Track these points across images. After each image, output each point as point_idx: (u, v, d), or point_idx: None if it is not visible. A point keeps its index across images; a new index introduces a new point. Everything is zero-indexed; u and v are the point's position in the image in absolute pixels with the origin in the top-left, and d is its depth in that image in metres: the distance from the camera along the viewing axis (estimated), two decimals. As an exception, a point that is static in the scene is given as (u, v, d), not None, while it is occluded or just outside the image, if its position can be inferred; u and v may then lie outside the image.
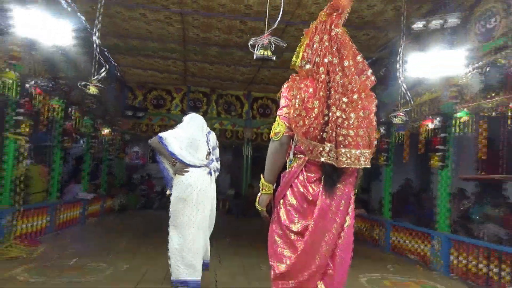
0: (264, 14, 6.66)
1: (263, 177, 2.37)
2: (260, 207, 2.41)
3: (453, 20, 5.32)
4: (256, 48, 4.07)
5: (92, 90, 5.71)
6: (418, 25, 5.50)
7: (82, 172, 9.06)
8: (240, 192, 11.98)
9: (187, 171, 3.92)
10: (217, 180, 4.14)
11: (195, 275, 3.90)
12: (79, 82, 5.73)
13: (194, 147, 4.02)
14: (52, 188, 7.04)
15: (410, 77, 5.89)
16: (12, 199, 5.45)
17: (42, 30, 4.98)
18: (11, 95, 5.08)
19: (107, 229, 7.66)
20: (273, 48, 4.05)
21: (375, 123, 2.27)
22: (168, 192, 4.05)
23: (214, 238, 7.10)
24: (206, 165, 4.00)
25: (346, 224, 2.25)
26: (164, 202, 14.91)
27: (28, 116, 5.45)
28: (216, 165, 4.18)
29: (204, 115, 12.06)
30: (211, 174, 4.06)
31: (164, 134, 4.06)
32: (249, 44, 4.03)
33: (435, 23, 5.42)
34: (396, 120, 6.03)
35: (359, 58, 2.27)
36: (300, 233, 2.23)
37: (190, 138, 4.04)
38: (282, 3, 4.55)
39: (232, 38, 8.05)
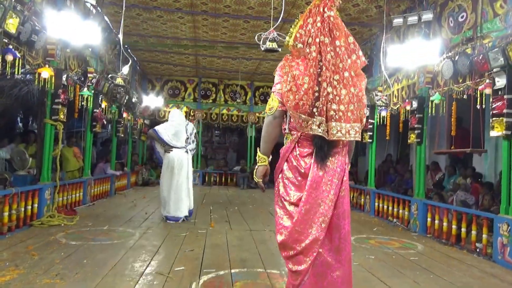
0: (264, 14, 6.71)
1: (259, 149, 2.26)
2: (256, 178, 2.28)
3: (427, 15, 5.37)
4: (263, 42, 4.07)
5: (119, 81, 5.69)
6: (398, 21, 5.52)
7: (110, 153, 9.11)
8: (245, 168, 12.05)
9: (172, 150, 5.59)
10: (224, 158, 5.20)
11: (177, 213, 5.53)
12: (109, 75, 5.70)
13: (177, 135, 5.67)
14: (85, 166, 7.09)
15: (391, 66, 5.95)
16: (52, 176, 5.50)
17: (73, 30, 4.96)
18: (48, 87, 5.07)
19: (132, 200, 7.74)
20: (278, 40, 4.06)
21: (365, 100, 2.14)
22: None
23: (225, 206, 7.29)
24: (184, 147, 5.68)
25: (342, 194, 2.10)
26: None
27: (63, 105, 5.46)
28: (192, 146, 5.83)
29: (213, 102, 12.17)
30: (187, 152, 5.72)
31: (157, 128, 5.70)
32: (256, 38, 4.03)
33: (412, 18, 5.45)
34: (379, 103, 6.03)
35: (351, 39, 2.13)
36: (296, 204, 2.08)
37: (174, 129, 5.67)
38: (283, 4, 4.67)
39: (237, 35, 8.03)
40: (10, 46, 4.19)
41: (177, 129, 5.70)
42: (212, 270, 3.34)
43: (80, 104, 6.22)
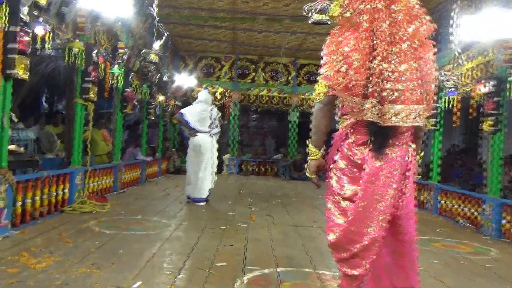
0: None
1: (310, 142, 2.21)
2: (309, 173, 2.24)
3: (510, -22, 4.94)
4: (312, 13, 3.98)
5: (153, 57, 5.82)
6: (473, -14, 5.14)
7: (139, 137, 9.40)
8: (287, 156, 12.07)
9: (196, 135, 6.47)
10: (262, 145, 5.50)
11: (201, 194, 6.43)
12: (142, 50, 5.84)
13: (201, 120, 6.51)
14: (115, 151, 7.36)
15: (462, 41, 5.62)
16: (82, 160, 5.76)
17: (103, 3, 5.11)
18: (79, 63, 5.27)
19: (164, 188, 7.97)
20: (328, 11, 3.97)
21: (434, 74, 1.96)
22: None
23: (266, 198, 7.36)
24: (208, 132, 6.52)
25: (406, 192, 1.99)
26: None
27: (94, 83, 5.66)
28: (216, 130, 6.64)
29: (251, 82, 12.20)
30: (211, 137, 6.55)
31: (183, 111, 6.61)
32: (304, 9, 3.95)
33: (491, -18, 5.05)
34: (448, 84, 5.77)
35: (411, 1, 1.95)
36: (351, 200, 2.02)
37: (199, 114, 6.52)
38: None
39: (280, 6, 7.93)
40: (40, 19, 4.38)
41: (202, 116, 6.54)
42: (256, 267, 3.41)
43: (110, 83, 6.43)
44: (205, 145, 6.48)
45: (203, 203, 6.41)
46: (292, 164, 11.61)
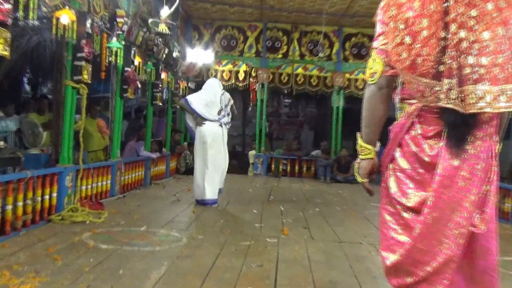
0: None
1: (360, 136, 2.19)
2: (360, 177, 2.24)
3: None
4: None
5: (162, 28, 5.89)
6: None
7: (143, 128, 9.56)
8: (329, 152, 12.05)
9: (204, 124, 6.93)
10: (297, 138, 5.98)
11: (214, 195, 6.95)
12: (149, 20, 5.90)
13: (210, 106, 7.03)
14: (113, 145, 7.51)
15: None
16: (73, 157, 5.91)
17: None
18: (69, 36, 5.38)
19: (174, 192, 8.08)
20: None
21: None
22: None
23: (302, 206, 7.38)
24: (217, 120, 7.02)
25: (489, 200, 1.94)
26: (236, 164, 15.42)
27: (87, 60, 5.79)
28: (227, 119, 7.21)
29: (283, 57, 12.23)
30: (221, 126, 7.07)
31: (189, 97, 7.17)
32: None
33: None
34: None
35: None
36: (417, 210, 1.98)
37: (207, 100, 7.04)
38: None
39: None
40: (23, -18, 4.49)
41: (210, 100, 7.06)
42: (290, 294, 3.44)
43: (107, 61, 6.56)
44: (215, 136, 6.98)
45: (215, 205, 6.90)
46: (335, 163, 11.59)
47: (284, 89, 12.93)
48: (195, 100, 7.04)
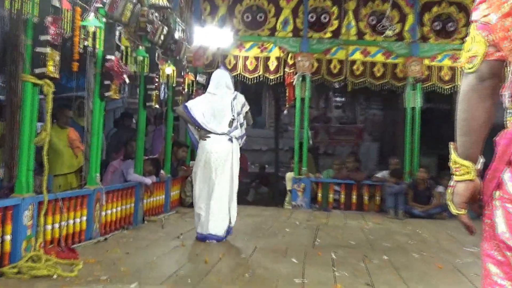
0: None
1: (455, 148, 2.21)
2: (454, 207, 2.23)
3: None
4: None
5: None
6: None
7: (133, 141, 9.61)
8: (401, 174, 11.94)
9: (209, 137, 7.40)
10: (354, 154, 6.49)
11: (217, 230, 7.38)
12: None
13: (217, 115, 7.47)
14: (89, 166, 7.56)
15: None
16: (34, 183, 5.95)
17: None
18: (28, 12, 5.44)
19: (177, 234, 8.10)
20: None
21: None
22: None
23: (363, 253, 7.29)
24: (226, 133, 7.43)
25: None
26: (266, 192, 15.42)
27: (54, 46, 5.83)
28: (238, 132, 7.56)
29: (334, 36, 12.25)
30: (231, 141, 7.47)
31: (189, 103, 7.74)
32: None
33: None
34: None
35: None
36: None
37: (214, 108, 7.51)
38: None
39: None
40: None
41: (217, 107, 7.54)
42: None
43: (81, 46, 6.61)
44: (222, 155, 7.47)
45: (214, 241, 7.38)
46: (410, 189, 11.50)
47: (334, 83, 12.97)
48: (197, 107, 7.54)
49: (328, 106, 16.81)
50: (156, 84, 9.23)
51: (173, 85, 10.46)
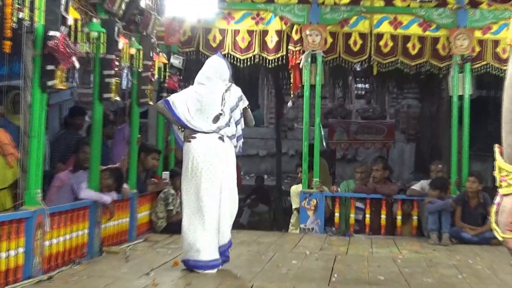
0: None
1: (500, 152, 2.28)
2: (499, 230, 2.30)
3: None
4: None
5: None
6: None
7: (84, 146, 9.63)
8: (445, 185, 11.97)
9: (194, 137, 7.71)
10: (383, 160, 6.48)
11: (209, 255, 7.60)
12: None
13: (205, 110, 7.83)
14: (28, 179, 7.58)
15: None
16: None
17: None
18: None
19: (146, 270, 8.12)
20: None
21: None
22: None
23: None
24: (215, 131, 7.73)
25: None
26: (265, 212, 15.50)
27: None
28: (232, 129, 7.88)
29: (354, 2, 12.28)
30: (222, 140, 7.79)
31: (172, 98, 8.09)
32: None
33: None
34: None
35: None
36: None
37: (201, 101, 7.86)
38: None
39: None
40: None
41: (205, 100, 7.91)
42: None
43: (15, 19, 6.64)
44: (209, 157, 7.81)
45: (214, 271, 7.66)
46: (458, 205, 11.48)
47: (355, 65, 13.01)
48: (181, 101, 7.89)
49: (347, 95, 16.85)
50: (116, 69, 9.25)
51: (139, 70, 10.47)
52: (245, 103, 8.04)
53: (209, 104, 7.79)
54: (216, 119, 7.74)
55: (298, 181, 12.65)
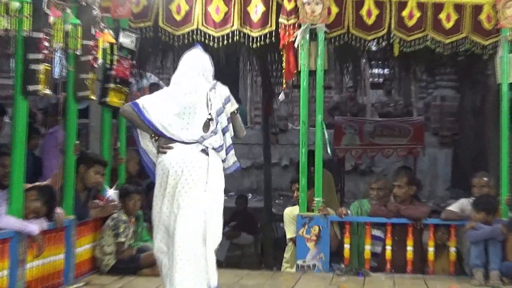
0: None
1: None
2: None
3: None
4: None
5: None
6: None
7: (7, 155, 9.64)
8: (493, 205, 11.99)
9: (171, 148, 8.10)
10: (409, 172, 6.40)
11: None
12: None
13: (185, 115, 8.16)
14: None
15: None
16: None
17: None
18: None
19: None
20: None
21: None
22: None
23: None
24: (196, 141, 8.08)
25: None
26: (249, 243, 15.58)
27: None
28: (217, 140, 8.17)
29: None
30: (205, 153, 8.12)
31: (142, 100, 8.43)
32: None
33: None
34: None
35: None
36: None
37: (180, 104, 8.19)
38: None
39: None
40: None
41: (184, 102, 8.27)
42: None
43: None
44: (191, 173, 8.14)
45: None
46: (509, 231, 11.49)
47: (370, 43, 13.03)
48: (154, 103, 8.13)
49: (359, 85, 16.86)
50: (45, 52, 9.27)
51: (77, 53, 10.49)
52: (233, 106, 8.26)
53: (191, 107, 8.05)
54: (206, 126, 8.05)
55: (294, 202, 12.64)
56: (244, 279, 11.01)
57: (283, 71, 12.90)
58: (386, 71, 16.55)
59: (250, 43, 12.57)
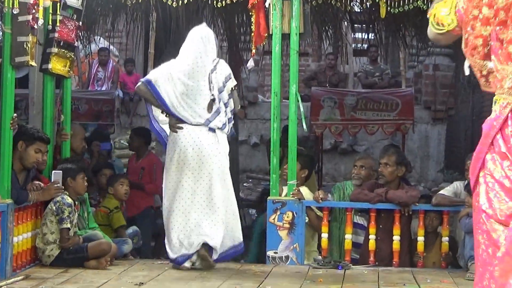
0: None
1: None
2: None
3: None
4: None
5: None
6: None
7: None
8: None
9: (181, 128, 9.11)
10: (396, 149, 8.15)
11: (191, 249, 9.97)
12: None
13: (191, 96, 9.17)
14: None
15: None
16: None
17: None
18: None
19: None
20: None
21: None
22: None
23: None
24: (204, 123, 9.15)
25: None
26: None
27: None
28: (221, 119, 9.28)
29: None
30: (213, 131, 9.21)
31: (153, 75, 9.40)
32: None
33: None
34: None
35: None
36: (506, 223, 3.27)
37: (186, 83, 9.15)
38: None
39: None
40: None
41: (191, 83, 9.02)
42: None
43: None
44: (200, 151, 8.98)
45: (188, 265, 9.59)
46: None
47: (352, 3, 13.10)
48: (166, 81, 8.91)
49: (340, 51, 16.93)
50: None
51: (13, 12, 10.51)
52: (232, 82, 9.12)
53: (195, 89, 8.93)
54: (210, 107, 8.96)
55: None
56: (207, 274, 10.81)
57: (252, 34, 12.90)
58: (371, 35, 16.51)
59: (214, 2, 12.57)
